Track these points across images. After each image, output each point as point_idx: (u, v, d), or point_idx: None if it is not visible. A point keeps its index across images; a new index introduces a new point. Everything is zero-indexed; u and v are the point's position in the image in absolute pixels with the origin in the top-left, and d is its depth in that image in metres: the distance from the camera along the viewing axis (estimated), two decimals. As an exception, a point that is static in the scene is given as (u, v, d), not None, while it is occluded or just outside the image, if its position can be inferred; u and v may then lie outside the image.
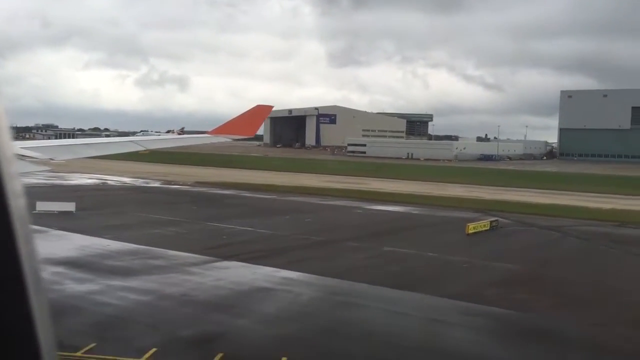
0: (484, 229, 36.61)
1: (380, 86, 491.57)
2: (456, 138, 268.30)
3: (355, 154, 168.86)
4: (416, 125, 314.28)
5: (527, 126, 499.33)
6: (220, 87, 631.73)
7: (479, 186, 70.69)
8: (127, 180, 66.97)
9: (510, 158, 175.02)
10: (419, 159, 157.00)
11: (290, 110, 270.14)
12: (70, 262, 25.26)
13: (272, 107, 29.36)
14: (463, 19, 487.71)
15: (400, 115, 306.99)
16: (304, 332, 16.95)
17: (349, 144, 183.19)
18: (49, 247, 28.33)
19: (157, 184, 64.56)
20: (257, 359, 14.77)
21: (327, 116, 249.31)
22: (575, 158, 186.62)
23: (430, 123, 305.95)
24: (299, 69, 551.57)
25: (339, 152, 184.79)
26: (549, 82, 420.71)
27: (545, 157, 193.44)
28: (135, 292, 20.91)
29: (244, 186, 62.22)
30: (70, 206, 40.37)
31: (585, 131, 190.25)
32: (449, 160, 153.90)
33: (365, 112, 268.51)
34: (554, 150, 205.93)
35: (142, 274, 23.49)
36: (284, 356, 14.60)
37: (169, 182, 66.38)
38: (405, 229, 37.63)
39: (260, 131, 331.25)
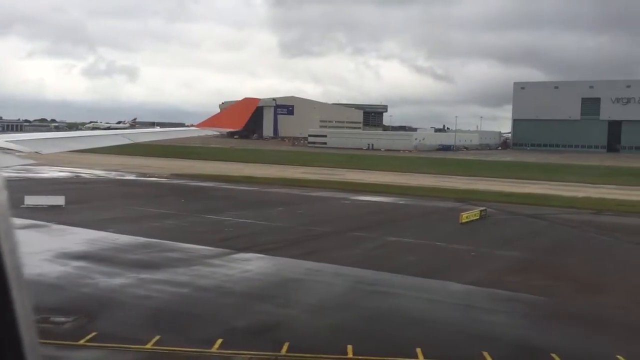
0: (475, 218, 37.80)
1: (333, 77, 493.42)
2: (410, 128, 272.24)
3: (316, 145, 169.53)
4: (371, 116, 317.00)
5: (481, 117, 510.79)
6: (171, 78, 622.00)
7: (449, 176, 72.38)
8: (99, 172, 65.76)
9: (467, 148, 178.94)
10: (379, 150, 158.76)
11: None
12: (88, 256, 25.09)
13: (258, 100, 29.69)
14: (413, 11, 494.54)
15: (356, 106, 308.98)
16: (355, 321, 17.46)
17: (309, 135, 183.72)
18: (59, 242, 28.08)
19: (132, 177, 63.66)
20: (323, 348, 15.17)
21: (285, 107, 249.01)
22: (528, 148, 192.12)
23: (385, 114, 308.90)
24: (251, 60, 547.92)
25: (299, 144, 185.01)
26: (498, 74, 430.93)
27: (500, 147, 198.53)
28: (170, 285, 21.02)
29: (223, 178, 62.03)
30: (59, 200, 39.68)
31: (537, 122, 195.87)
32: (409, 151, 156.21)
33: (323, 103, 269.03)
34: (507, 140, 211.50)
35: (167, 267, 23.53)
36: (349, 344, 15.11)
37: (144, 175, 65.54)
38: (399, 219, 38.44)
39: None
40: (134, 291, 20.06)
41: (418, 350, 14.78)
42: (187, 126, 42.94)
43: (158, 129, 56.35)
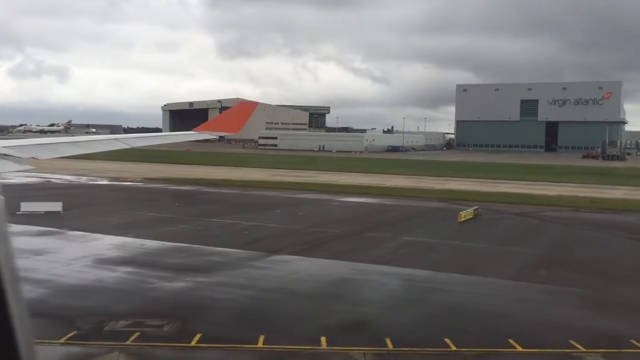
0: (470, 217, 39.48)
1: (271, 78, 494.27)
2: (352, 130, 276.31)
3: (266, 147, 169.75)
4: (314, 117, 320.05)
5: (425, 118, 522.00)
6: (104, 79, 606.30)
7: (419, 177, 74.48)
8: (68, 177, 64.16)
9: (414, 149, 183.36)
10: (330, 151, 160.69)
11: (191, 103, 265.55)
12: (130, 262, 25.08)
13: (256, 104, 30.23)
14: (349, 14, 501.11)
15: (300, 108, 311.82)
16: (437, 316, 18.43)
17: (260, 137, 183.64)
18: (88, 248, 27.87)
19: (105, 182, 62.52)
20: (424, 340, 16.04)
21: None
22: (471, 148, 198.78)
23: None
24: (188, 61, 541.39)
25: (248, 146, 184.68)
26: (432, 76, 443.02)
27: (445, 148, 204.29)
28: (233, 287, 21.43)
29: (199, 182, 61.81)
30: (57, 206, 38.93)
31: (479, 123, 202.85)
32: (361, 152, 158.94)
33: (269, 104, 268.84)
34: (451, 141, 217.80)
35: (216, 270, 23.84)
36: (446, 338, 16.07)
37: (116, 179, 64.47)
38: (399, 219, 39.64)
39: (159, 124, 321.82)
40: (204, 294, 20.35)
41: (511, 341, 15.89)
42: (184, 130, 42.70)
43: (155, 133, 55.47)
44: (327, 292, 21.20)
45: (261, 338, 15.77)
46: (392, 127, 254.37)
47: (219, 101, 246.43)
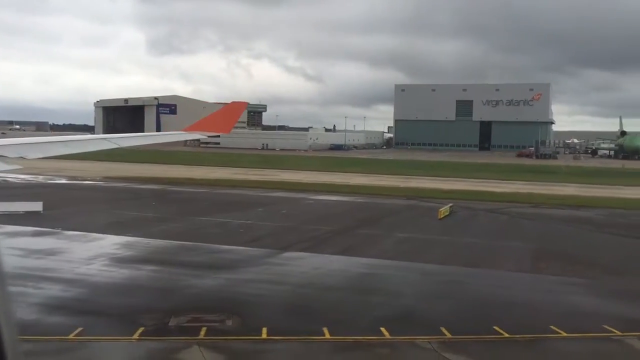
0: (447, 213, 41.34)
1: (204, 75, 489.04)
2: (288, 128, 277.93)
3: (209, 145, 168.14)
4: (250, 115, 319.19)
5: (364, 117, 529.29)
6: (27, 74, 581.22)
7: (377, 175, 76.36)
8: (24, 176, 62.10)
9: (356, 147, 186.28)
10: (274, 150, 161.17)
11: (126, 100, 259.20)
12: (148, 260, 25.33)
13: (247, 103, 30.88)
14: (283, 12, 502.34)
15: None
16: (473, 307, 19.66)
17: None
18: (96, 248, 27.81)
19: (64, 180, 61.02)
20: (476, 328, 17.21)
21: (167, 106, 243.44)
22: (409, 147, 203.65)
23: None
24: (117, 56, 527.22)
25: (190, 144, 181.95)
26: (365, 75, 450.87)
27: (385, 147, 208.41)
28: (265, 283, 22.03)
29: (162, 180, 61.32)
30: (37, 206, 38.08)
31: (417, 122, 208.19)
32: (305, 150, 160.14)
33: (207, 102, 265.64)
34: (390, 140, 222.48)
35: (238, 267, 24.34)
36: (495, 326, 17.36)
37: (74, 178, 63.06)
38: (382, 216, 40.94)
39: (89, 120, 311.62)
40: (241, 290, 20.92)
41: (553, 327, 17.38)
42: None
43: (145, 133, 54.38)
44: (356, 286, 22.16)
45: (325, 330, 16.60)
46: (335, 125, 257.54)
47: (155, 98, 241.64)
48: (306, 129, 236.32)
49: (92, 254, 25.98)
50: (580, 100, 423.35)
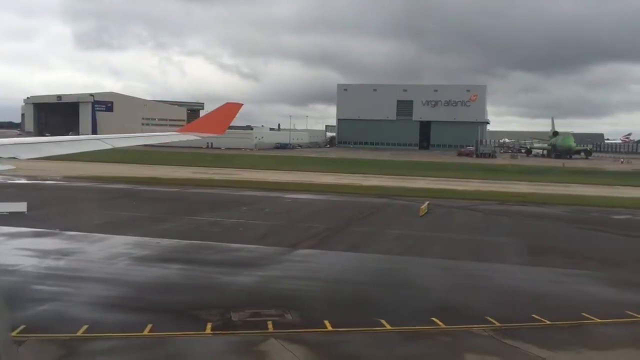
0: (426, 211, 43.02)
1: (135, 72, 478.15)
2: (231, 127, 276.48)
3: (152, 145, 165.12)
4: (187, 113, 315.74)
5: (307, 116, 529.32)
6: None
7: (337, 174, 77.59)
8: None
9: (300, 146, 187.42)
10: (220, 148, 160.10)
11: (59, 96, 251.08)
12: (169, 259, 25.50)
13: (241, 104, 31.58)
14: (217, 9, 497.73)
15: (171, 103, 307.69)
16: (503, 297, 21.02)
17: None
18: (110, 247, 27.68)
19: (24, 180, 59.15)
20: (518, 317, 18.50)
21: (104, 103, 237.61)
22: (352, 146, 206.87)
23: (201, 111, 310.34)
24: (42, 51, 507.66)
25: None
26: (299, 74, 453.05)
27: (328, 145, 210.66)
28: (299, 280, 22.68)
29: (127, 180, 60.52)
30: (21, 206, 36.80)
31: (359, 121, 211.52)
32: (251, 149, 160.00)
33: (145, 99, 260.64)
34: (333, 138, 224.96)
35: (262, 265, 24.85)
36: (533, 314, 18.75)
37: (34, 177, 61.21)
38: (365, 214, 41.96)
39: (16, 118, 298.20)
40: (279, 286, 21.53)
41: (584, 314, 18.97)
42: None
43: (139, 134, 52.63)
44: (387, 281, 23.12)
45: (383, 321, 17.57)
46: (279, 124, 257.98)
47: (91, 94, 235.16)
48: (245, 128, 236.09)
49: (109, 254, 25.91)
50: (509, 102, 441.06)
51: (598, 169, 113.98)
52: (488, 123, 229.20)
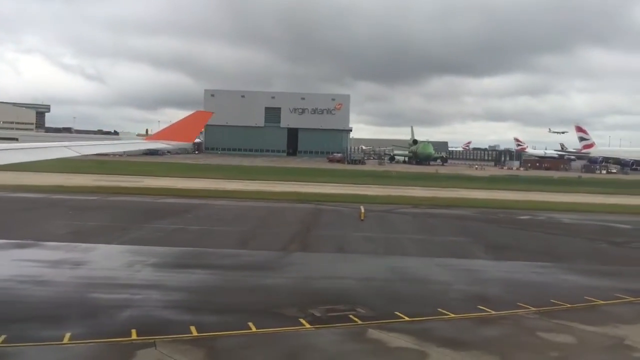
0: (364, 215, 45.75)
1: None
2: (75, 130, 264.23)
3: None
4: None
5: (159, 121, 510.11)
6: None
7: (231, 180, 76.96)
8: None
9: (170, 152, 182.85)
10: (87, 154, 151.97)
11: None
12: (185, 265, 25.85)
13: (212, 113, 32.96)
14: (58, 6, 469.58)
15: (19, 106, 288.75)
16: (513, 288, 23.94)
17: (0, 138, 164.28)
18: (111, 256, 27.20)
19: None
20: (541, 302, 21.35)
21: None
22: (219, 152, 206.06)
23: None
24: None
25: None
26: (148, 78, 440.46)
27: (197, 152, 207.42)
28: (324, 280, 24.22)
29: (29, 188, 56.81)
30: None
31: (227, 127, 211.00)
32: (120, 155, 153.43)
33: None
34: (201, 144, 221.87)
35: (274, 268, 25.74)
36: (551, 299, 21.99)
37: None
38: (312, 219, 43.18)
39: None
40: (316, 286, 22.89)
41: (587, 297, 22.42)
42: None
43: (106, 141, 48.45)
44: (408, 277, 25.27)
45: (443, 310, 19.79)
46: (147, 130, 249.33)
47: None
48: (112, 133, 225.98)
49: (121, 263, 25.61)
50: (357, 110, 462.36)
51: (464, 174, 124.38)
52: (351, 130, 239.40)
